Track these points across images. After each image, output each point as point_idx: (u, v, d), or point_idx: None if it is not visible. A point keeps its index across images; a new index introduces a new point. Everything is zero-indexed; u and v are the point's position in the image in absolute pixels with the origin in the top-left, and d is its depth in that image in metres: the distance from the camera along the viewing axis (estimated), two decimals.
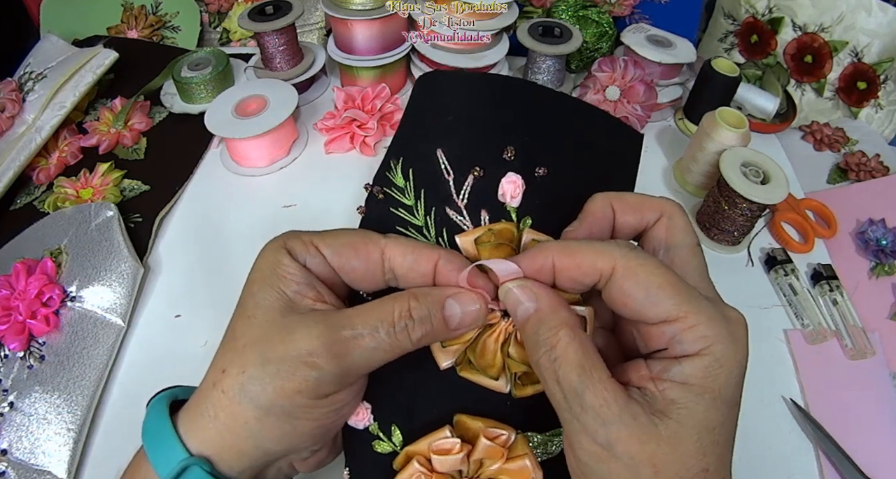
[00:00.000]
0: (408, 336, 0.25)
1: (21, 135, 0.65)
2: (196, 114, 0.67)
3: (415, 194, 0.30)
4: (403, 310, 0.25)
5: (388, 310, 0.25)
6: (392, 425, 0.29)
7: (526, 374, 0.28)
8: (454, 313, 0.26)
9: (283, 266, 0.26)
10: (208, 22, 0.83)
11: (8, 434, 0.46)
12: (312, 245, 0.27)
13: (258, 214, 0.60)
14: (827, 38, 0.70)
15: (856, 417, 0.47)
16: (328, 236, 0.27)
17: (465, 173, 0.30)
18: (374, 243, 0.27)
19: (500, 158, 0.30)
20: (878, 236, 0.58)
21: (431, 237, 0.29)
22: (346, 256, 0.27)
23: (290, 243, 0.27)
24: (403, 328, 0.25)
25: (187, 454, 0.25)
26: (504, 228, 0.29)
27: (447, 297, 0.26)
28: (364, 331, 0.25)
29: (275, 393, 0.24)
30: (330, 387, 0.25)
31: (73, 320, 0.50)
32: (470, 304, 0.26)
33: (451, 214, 0.30)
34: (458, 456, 0.27)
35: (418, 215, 0.30)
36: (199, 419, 0.25)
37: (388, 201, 0.31)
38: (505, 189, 0.29)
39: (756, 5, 0.73)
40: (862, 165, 0.66)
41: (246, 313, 0.26)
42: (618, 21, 0.77)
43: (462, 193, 0.30)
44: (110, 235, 0.54)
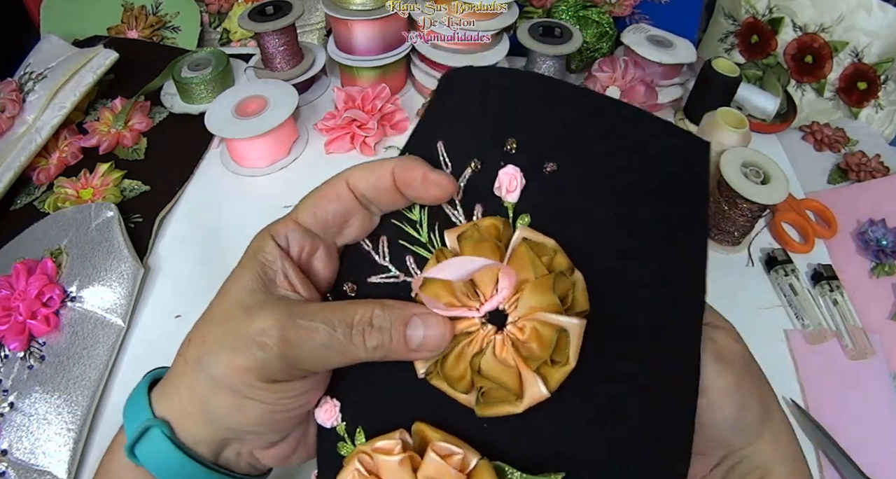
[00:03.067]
0: (363, 342, 0.25)
1: (21, 135, 0.65)
2: (196, 114, 0.67)
3: None
4: (366, 315, 0.25)
5: (350, 311, 0.25)
6: (358, 427, 0.28)
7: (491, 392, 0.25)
8: (415, 334, 0.25)
9: (263, 251, 0.27)
10: (208, 22, 0.83)
11: (8, 434, 0.46)
12: (291, 220, 0.28)
13: (258, 215, 0.60)
14: (827, 39, 0.70)
15: (856, 417, 0.47)
16: (304, 204, 0.28)
17: (464, 166, 0.28)
18: (338, 179, 0.27)
19: (500, 150, 0.27)
20: (879, 237, 0.58)
21: (424, 232, 0.28)
22: (320, 205, 0.27)
23: (273, 227, 0.28)
24: (360, 332, 0.25)
25: (151, 416, 0.26)
26: (490, 224, 0.26)
27: (414, 314, 0.25)
28: (320, 325, 0.25)
29: (224, 367, 0.25)
30: (276, 372, 0.25)
31: (74, 321, 0.50)
32: (434, 327, 0.25)
33: (445, 208, 0.28)
34: (396, 459, 0.24)
35: (414, 210, 0.28)
36: (166, 386, 0.27)
37: None
38: (501, 181, 0.27)
39: (756, 5, 0.73)
40: (862, 165, 0.66)
41: (222, 292, 0.27)
42: (618, 21, 0.77)
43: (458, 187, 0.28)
44: (110, 236, 0.54)
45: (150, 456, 0.26)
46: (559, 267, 0.25)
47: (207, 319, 0.27)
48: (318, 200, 0.28)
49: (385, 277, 0.28)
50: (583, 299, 0.25)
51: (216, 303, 0.27)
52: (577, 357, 0.24)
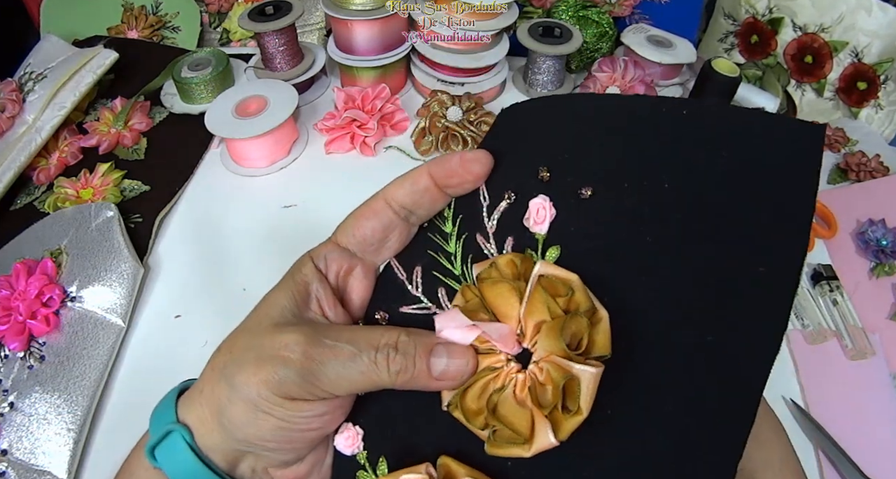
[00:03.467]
0: (386, 366, 0.25)
1: (21, 135, 0.65)
2: (196, 114, 0.67)
3: (453, 222, 0.28)
4: (391, 340, 0.25)
5: (376, 335, 0.25)
6: (381, 456, 0.27)
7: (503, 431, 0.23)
8: (439, 362, 0.25)
9: (300, 273, 0.28)
10: (208, 22, 0.83)
11: (8, 434, 0.46)
12: (331, 242, 0.29)
13: (258, 215, 0.60)
14: (827, 39, 0.70)
15: (856, 417, 0.47)
16: (341, 225, 0.29)
17: (500, 198, 0.27)
18: (375, 198, 0.28)
19: (534, 179, 0.26)
20: (878, 237, 0.58)
21: (458, 265, 0.28)
22: (358, 225, 0.28)
23: (314, 250, 0.29)
24: (385, 357, 0.25)
25: (174, 419, 0.27)
26: (507, 262, 0.25)
27: (438, 343, 0.25)
28: (345, 346, 0.25)
29: (244, 377, 0.25)
30: (295, 389, 0.25)
31: (74, 321, 0.50)
32: (458, 356, 0.25)
33: (479, 241, 0.27)
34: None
35: (450, 242, 0.28)
36: (193, 391, 0.27)
37: (430, 227, 0.29)
38: (530, 213, 0.26)
39: (756, 5, 0.73)
40: (862, 165, 0.66)
41: (257, 308, 0.28)
42: (618, 21, 0.77)
43: (492, 219, 0.27)
44: (110, 236, 0.54)
45: (168, 459, 0.26)
46: (578, 306, 0.23)
47: (239, 330, 0.27)
48: (357, 219, 0.28)
49: (417, 308, 0.28)
50: (603, 343, 0.23)
51: (250, 317, 0.27)
52: (590, 407, 0.22)
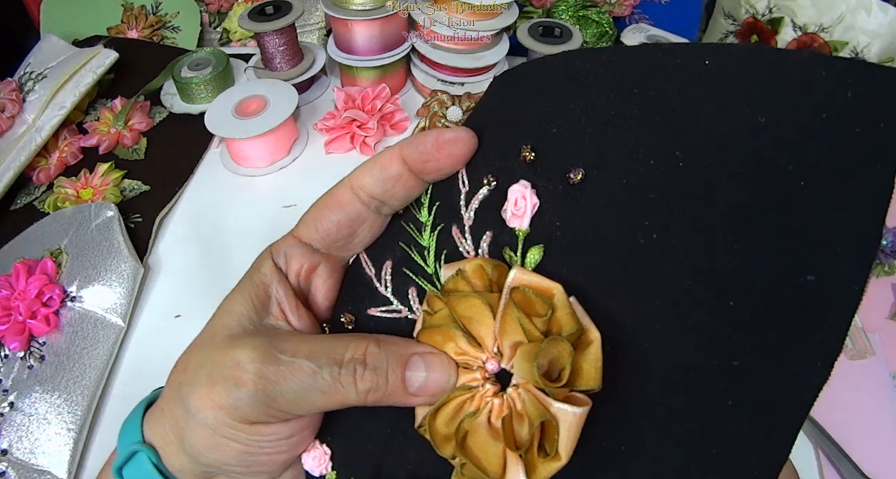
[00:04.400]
0: (353, 384, 0.21)
1: (21, 135, 0.65)
2: (196, 114, 0.67)
3: (429, 210, 0.24)
4: (358, 352, 0.22)
5: (340, 347, 0.22)
6: (351, 477, 0.25)
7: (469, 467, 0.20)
8: (416, 376, 0.21)
9: (258, 274, 0.25)
10: (208, 22, 0.83)
11: (8, 434, 0.46)
12: (291, 236, 0.26)
13: (258, 214, 0.60)
14: (827, 39, 0.70)
15: (856, 417, 0.47)
16: (305, 219, 0.26)
17: (479, 183, 0.22)
18: (340, 185, 0.25)
19: (516, 161, 0.21)
20: None
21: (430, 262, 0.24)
22: (322, 217, 0.25)
23: (274, 245, 0.26)
24: (351, 372, 0.21)
25: (140, 439, 0.25)
26: (475, 268, 0.21)
27: (414, 353, 0.22)
28: (305, 362, 0.21)
29: (197, 401, 0.22)
30: (252, 412, 0.22)
31: (73, 320, 0.50)
32: (438, 369, 0.21)
33: (455, 235, 0.23)
34: None
35: (424, 234, 0.24)
36: (156, 409, 0.26)
37: (404, 214, 0.25)
38: (507, 204, 0.21)
39: (756, 5, 0.73)
40: None
41: (214, 317, 0.25)
42: (618, 21, 0.77)
43: (470, 209, 0.23)
44: (110, 236, 0.54)
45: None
46: (561, 327, 0.19)
47: (196, 343, 0.24)
48: (320, 211, 0.25)
49: (386, 310, 0.25)
50: (592, 373, 0.18)
51: (206, 328, 0.25)
52: (571, 452, 0.18)
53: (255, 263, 0.26)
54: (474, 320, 0.21)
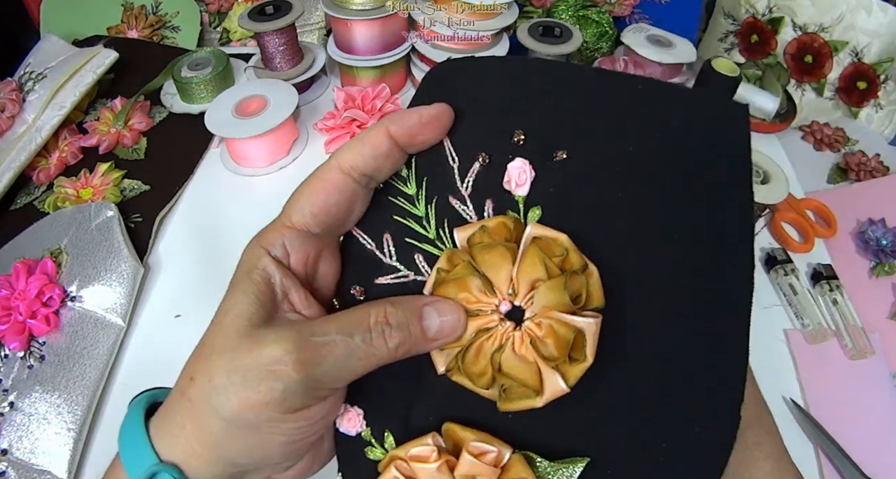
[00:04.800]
0: (384, 343, 0.24)
1: (21, 135, 0.65)
2: (196, 114, 0.67)
3: (416, 183, 0.28)
4: (380, 315, 0.24)
5: (363, 315, 0.24)
6: (385, 430, 0.27)
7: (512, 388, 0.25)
8: (432, 323, 0.25)
9: (257, 270, 0.25)
10: (208, 22, 0.83)
11: (8, 434, 0.46)
12: (284, 226, 0.26)
13: (258, 214, 0.60)
14: (827, 38, 0.70)
15: (856, 417, 0.47)
16: (293, 205, 0.26)
17: (471, 160, 0.27)
18: (327, 168, 0.26)
19: (508, 142, 0.27)
20: (878, 236, 0.58)
21: (432, 229, 0.27)
22: (318, 201, 0.26)
23: (264, 237, 0.26)
24: (380, 334, 0.24)
25: (157, 460, 0.24)
26: (498, 225, 0.26)
27: (424, 305, 0.25)
28: (337, 337, 0.23)
29: (240, 405, 0.23)
30: (299, 399, 0.23)
31: (74, 320, 0.50)
32: (448, 312, 0.25)
33: (454, 204, 0.27)
34: (433, 466, 0.25)
35: (419, 205, 0.27)
36: (168, 425, 0.25)
37: (387, 190, 0.28)
38: (510, 176, 0.26)
39: (756, 5, 0.73)
40: (862, 165, 0.66)
41: (217, 319, 0.25)
42: (618, 21, 0.77)
43: (466, 182, 0.27)
44: (110, 235, 0.54)
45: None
46: (572, 265, 0.25)
47: (207, 352, 0.24)
48: (315, 195, 0.26)
49: (395, 277, 0.28)
50: (598, 295, 0.25)
51: (214, 333, 0.24)
52: (594, 353, 0.24)
53: (247, 258, 0.25)
54: (495, 265, 0.25)
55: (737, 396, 0.24)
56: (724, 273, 0.25)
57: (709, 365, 0.25)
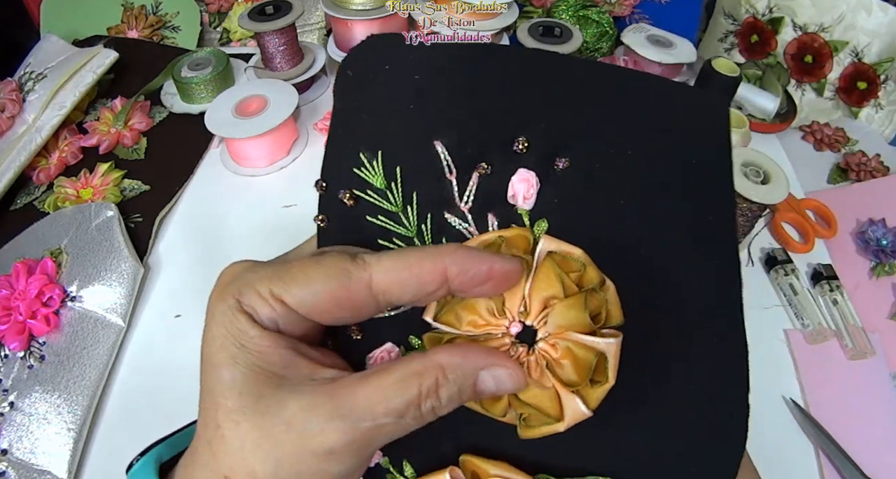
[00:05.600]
0: (434, 414, 0.22)
1: (21, 135, 0.65)
2: (196, 114, 0.67)
3: (403, 199, 0.25)
4: (431, 388, 0.21)
5: (411, 389, 0.21)
6: (403, 460, 0.26)
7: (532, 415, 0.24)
8: (487, 387, 0.22)
9: (248, 338, 0.21)
10: (208, 22, 0.83)
11: (8, 434, 0.46)
12: (277, 301, 0.21)
13: (258, 214, 0.60)
14: (827, 38, 0.70)
15: (856, 417, 0.47)
16: (295, 284, 0.21)
17: (470, 171, 0.25)
18: (356, 280, 0.21)
19: (510, 150, 0.24)
20: (879, 236, 0.58)
21: None
22: (326, 309, 0.22)
23: (246, 301, 0.21)
24: (431, 409, 0.21)
25: None
26: (517, 235, 0.24)
27: (481, 370, 0.22)
28: (389, 420, 0.21)
29: None
30: (353, 470, 0.22)
31: (74, 320, 0.50)
32: (506, 380, 0.22)
33: (451, 221, 0.25)
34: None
35: (409, 224, 0.25)
36: None
37: (362, 208, 0.25)
38: (516, 189, 0.24)
39: (756, 5, 0.73)
40: (862, 165, 0.66)
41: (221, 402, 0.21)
42: (618, 21, 0.77)
43: (466, 195, 0.25)
44: (110, 235, 0.54)
45: None
46: (590, 282, 0.23)
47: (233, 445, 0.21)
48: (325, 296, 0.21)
49: (390, 309, 0.25)
50: (617, 312, 0.24)
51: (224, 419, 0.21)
52: (616, 374, 0.23)
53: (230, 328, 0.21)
54: None
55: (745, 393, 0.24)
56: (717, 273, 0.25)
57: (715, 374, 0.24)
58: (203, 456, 0.22)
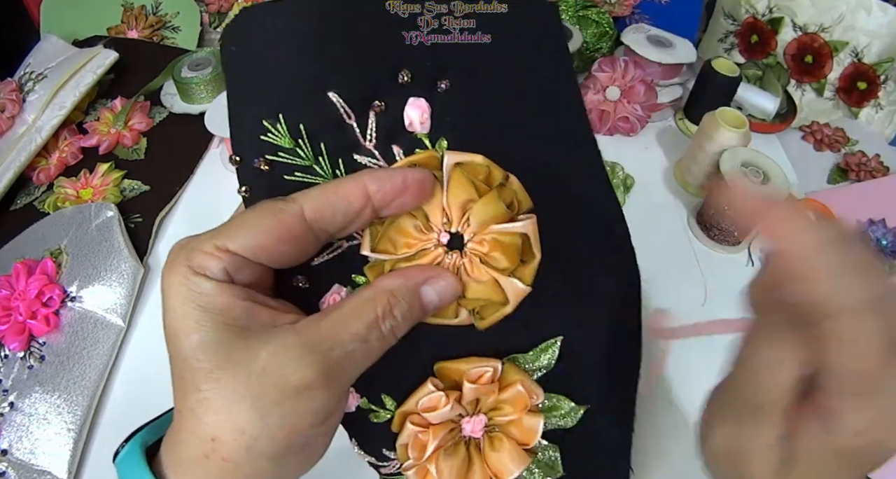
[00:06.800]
0: (394, 335, 0.24)
1: (21, 135, 0.65)
2: (196, 114, 0.67)
3: (313, 151, 0.26)
4: (385, 309, 0.23)
5: (368, 312, 0.23)
6: (381, 394, 0.28)
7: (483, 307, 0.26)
8: (431, 299, 0.25)
9: (206, 296, 0.22)
10: (208, 22, 0.83)
11: (8, 434, 0.46)
12: (223, 251, 0.22)
13: None
14: (827, 39, 0.70)
15: None
16: (236, 231, 0.23)
17: (366, 111, 0.26)
18: (289, 213, 0.23)
19: (396, 84, 0.26)
20: (878, 236, 0.58)
21: None
22: (269, 246, 0.23)
23: (196, 262, 0.22)
24: (390, 330, 0.23)
25: None
26: (426, 158, 0.26)
27: (421, 285, 0.24)
28: (355, 345, 0.22)
29: (286, 438, 0.22)
30: (334, 406, 0.23)
31: (74, 321, 0.50)
32: (441, 280, 0.25)
33: (361, 160, 0.26)
34: (447, 408, 0.27)
35: (324, 172, 0.26)
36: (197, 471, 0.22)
37: (278, 170, 0.27)
38: (411, 117, 0.26)
39: (756, 5, 0.73)
40: (862, 165, 0.66)
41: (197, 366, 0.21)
42: (618, 21, 0.77)
43: (369, 134, 0.26)
44: (110, 236, 0.54)
45: None
46: (496, 180, 0.26)
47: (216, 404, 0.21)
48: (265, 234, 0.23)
49: (329, 252, 0.27)
50: (525, 198, 0.27)
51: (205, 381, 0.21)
52: (540, 248, 0.26)
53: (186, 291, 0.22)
54: None
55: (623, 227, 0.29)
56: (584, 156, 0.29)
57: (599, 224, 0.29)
58: (188, 424, 0.22)
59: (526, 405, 0.28)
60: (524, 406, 0.28)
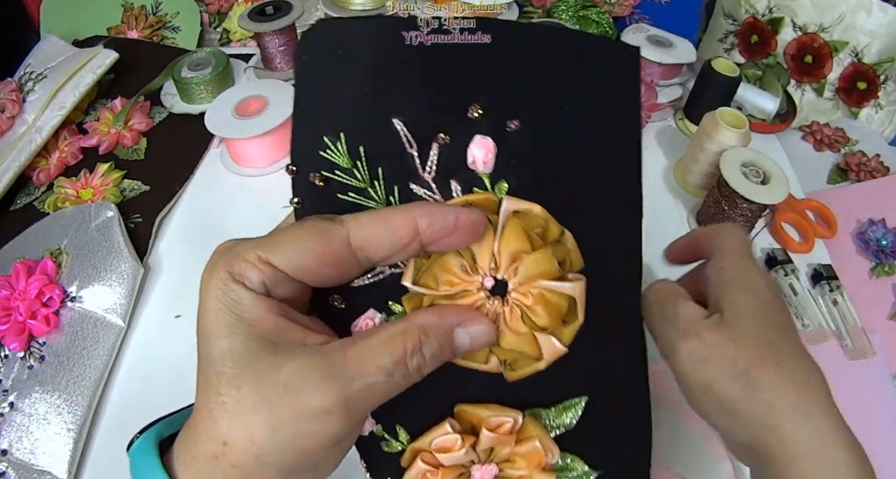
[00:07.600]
0: (419, 373, 0.23)
1: (21, 135, 0.65)
2: (196, 114, 0.67)
3: (370, 174, 0.26)
4: (415, 347, 0.23)
5: (397, 348, 0.22)
6: (396, 425, 0.28)
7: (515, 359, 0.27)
8: (463, 343, 0.24)
9: (242, 305, 0.22)
10: (208, 22, 0.83)
11: (8, 435, 0.46)
12: (265, 264, 0.22)
13: (258, 215, 0.60)
14: (827, 39, 0.70)
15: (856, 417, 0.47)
16: (280, 247, 0.23)
17: (429, 142, 0.26)
18: (336, 237, 0.23)
19: (465, 118, 0.26)
20: (878, 236, 0.58)
21: None
22: (311, 266, 0.23)
23: (237, 269, 0.23)
24: (417, 368, 0.23)
25: None
26: (483, 199, 0.26)
27: (455, 327, 0.24)
28: (379, 378, 0.22)
29: (296, 456, 0.22)
30: (347, 432, 0.23)
31: (73, 321, 0.50)
32: (476, 326, 0.24)
33: (416, 191, 0.26)
34: (461, 453, 0.26)
35: (378, 197, 0.26)
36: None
37: (333, 188, 0.26)
38: (475, 155, 0.26)
39: (756, 5, 0.73)
40: (862, 165, 0.66)
41: (222, 370, 0.22)
42: (618, 21, 0.77)
43: (429, 166, 0.26)
44: (110, 236, 0.54)
45: None
46: (553, 235, 0.26)
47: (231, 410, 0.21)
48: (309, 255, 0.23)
49: (370, 276, 0.27)
50: (577, 259, 0.27)
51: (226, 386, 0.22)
52: (584, 313, 0.26)
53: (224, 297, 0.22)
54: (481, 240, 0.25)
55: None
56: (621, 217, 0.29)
57: None
58: (204, 424, 0.22)
59: (540, 463, 0.28)
60: (538, 463, 0.28)
